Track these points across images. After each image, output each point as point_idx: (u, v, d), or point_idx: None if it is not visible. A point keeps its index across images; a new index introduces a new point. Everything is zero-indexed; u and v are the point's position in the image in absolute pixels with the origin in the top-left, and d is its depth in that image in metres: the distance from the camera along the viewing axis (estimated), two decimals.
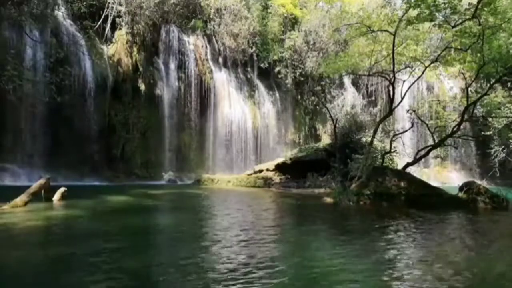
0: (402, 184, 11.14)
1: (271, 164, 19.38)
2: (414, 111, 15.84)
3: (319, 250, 5.43)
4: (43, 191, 9.19)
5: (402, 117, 24.86)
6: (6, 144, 15.62)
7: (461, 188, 11.44)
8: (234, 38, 24.07)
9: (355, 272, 4.32)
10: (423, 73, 14.69)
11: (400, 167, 14.55)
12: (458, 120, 15.10)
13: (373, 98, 28.61)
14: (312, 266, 4.51)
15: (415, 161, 13.67)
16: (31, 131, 16.51)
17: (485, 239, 6.82)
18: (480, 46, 11.49)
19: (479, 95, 15.08)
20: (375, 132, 14.22)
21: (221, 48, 24.54)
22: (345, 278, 4.13)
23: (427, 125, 15.68)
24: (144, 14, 20.77)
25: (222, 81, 24.16)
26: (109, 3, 19.64)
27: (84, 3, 19.09)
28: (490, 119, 21.43)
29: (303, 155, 18.71)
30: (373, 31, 13.59)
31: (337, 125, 15.70)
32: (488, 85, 15.08)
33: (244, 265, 4.40)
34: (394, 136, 15.70)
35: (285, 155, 21.88)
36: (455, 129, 14.00)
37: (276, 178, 18.16)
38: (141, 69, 20.81)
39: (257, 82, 26.34)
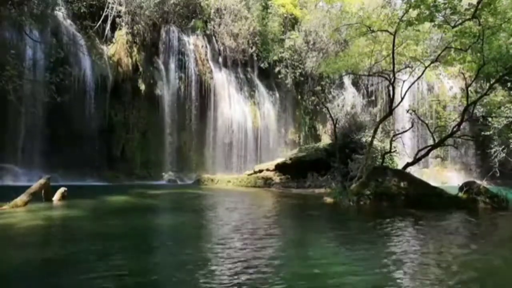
0: (402, 184, 11.12)
1: (271, 164, 19.38)
2: (414, 111, 15.80)
3: (320, 251, 5.43)
4: (43, 191, 9.19)
5: (402, 117, 24.81)
6: (6, 144, 15.62)
7: (461, 188, 11.42)
8: (234, 38, 24.08)
9: (355, 273, 4.32)
10: (423, 73, 14.68)
11: (400, 167, 14.54)
12: (458, 120, 15.08)
13: (373, 98, 28.64)
14: (313, 267, 4.51)
15: (415, 161, 13.65)
16: (31, 131, 16.49)
17: (485, 240, 6.82)
18: (480, 46, 11.48)
19: (479, 95, 15.07)
20: (375, 132, 14.22)
21: (221, 48, 24.53)
22: (345, 279, 4.14)
23: (427, 125, 15.66)
24: (144, 14, 20.78)
25: (222, 81, 24.16)
26: (109, 3, 19.64)
27: (84, 3, 19.08)
28: (490, 119, 21.42)
29: (303, 155, 18.72)
30: (373, 31, 13.59)
31: (337, 125, 15.68)
32: (488, 85, 15.06)
33: (244, 266, 4.40)
34: (394, 136, 15.70)
35: (285, 155, 21.89)
36: (455, 129, 13.98)
37: (276, 178, 18.17)
38: (141, 69, 20.82)
39: (257, 82, 26.33)
